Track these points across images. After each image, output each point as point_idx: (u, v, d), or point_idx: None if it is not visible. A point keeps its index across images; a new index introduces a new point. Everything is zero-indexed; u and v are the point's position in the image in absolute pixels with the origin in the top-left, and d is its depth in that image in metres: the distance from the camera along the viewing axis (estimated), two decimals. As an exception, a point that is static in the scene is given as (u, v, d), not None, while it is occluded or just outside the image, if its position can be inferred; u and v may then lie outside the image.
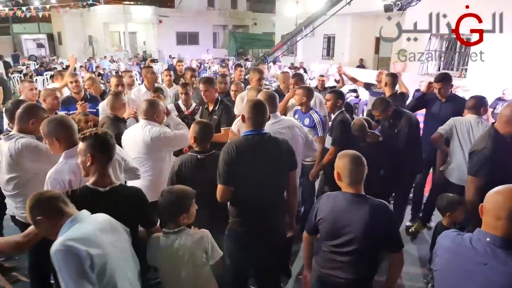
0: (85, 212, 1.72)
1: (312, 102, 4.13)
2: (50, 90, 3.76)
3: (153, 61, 16.96)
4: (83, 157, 1.97)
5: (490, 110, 6.65)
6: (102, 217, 1.76)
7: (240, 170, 2.38)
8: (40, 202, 1.67)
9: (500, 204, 1.46)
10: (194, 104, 4.27)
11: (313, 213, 2.21)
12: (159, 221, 2.20)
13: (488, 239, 1.47)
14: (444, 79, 4.22)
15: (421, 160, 3.97)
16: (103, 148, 1.96)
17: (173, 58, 16.75)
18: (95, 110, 4.26)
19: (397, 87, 4.81)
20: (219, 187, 2.42)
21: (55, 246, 1.51)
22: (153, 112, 3.08)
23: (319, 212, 2.16)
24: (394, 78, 4.63)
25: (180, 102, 4.27)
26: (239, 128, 3.28)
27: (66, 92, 5.04)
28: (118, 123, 3.46)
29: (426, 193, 4.45)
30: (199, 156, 2.71)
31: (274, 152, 2.45)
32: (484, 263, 1.45)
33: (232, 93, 4.64)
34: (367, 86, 5.78)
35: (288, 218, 2.69)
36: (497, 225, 1.45)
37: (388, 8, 7.87)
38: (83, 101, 4.19)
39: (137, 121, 3.45)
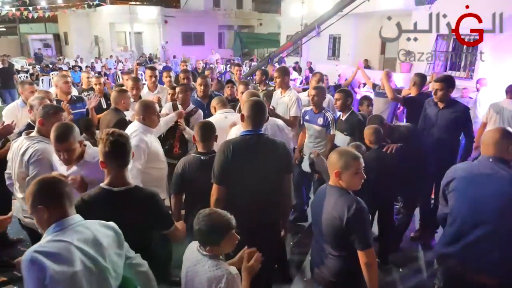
0: (76, 218, 1.60)
1: (325, 104, 4.15)
2: (37, 101, 3.38)
3: (140, 64, 15.23)
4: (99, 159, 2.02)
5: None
6: (92, 227, 1.61)
7: (235, 171, 2.36)
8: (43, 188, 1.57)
9: (492, 136, 2.18)
10: (192, 106, 4.08)
11: None
12: (175, 223, 2.16)
13: (490, 159, 2.16)
14: (445, 80, 3.70)
15: (426, 169, 3.77)
16: (114, 154, 1.95)
17: (160, 63, 15.59)
18: (85, 110, 4.33)
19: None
20: (214, 186, 2.40)
21: (25, 255, 1.46)
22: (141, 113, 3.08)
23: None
24: (423, 78, 4.49)
25: (178, 102, 4.08)
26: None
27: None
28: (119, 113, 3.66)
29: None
30: (202, 157, 2.71)
31: (271, 155, 2.43)
32: (490, 173, 2.12)
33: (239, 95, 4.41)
34: (373, 86, 5.77)
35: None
36: (493, 150, 2.16)
37: (419, 2, 7.87)
38: (68, 104, 4.01)
39: None
